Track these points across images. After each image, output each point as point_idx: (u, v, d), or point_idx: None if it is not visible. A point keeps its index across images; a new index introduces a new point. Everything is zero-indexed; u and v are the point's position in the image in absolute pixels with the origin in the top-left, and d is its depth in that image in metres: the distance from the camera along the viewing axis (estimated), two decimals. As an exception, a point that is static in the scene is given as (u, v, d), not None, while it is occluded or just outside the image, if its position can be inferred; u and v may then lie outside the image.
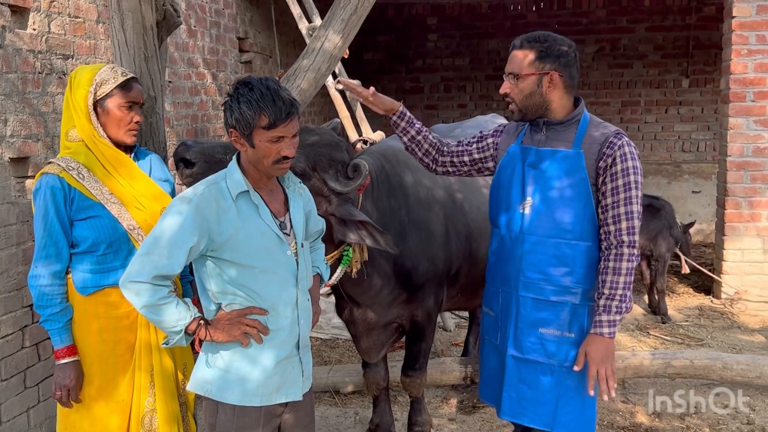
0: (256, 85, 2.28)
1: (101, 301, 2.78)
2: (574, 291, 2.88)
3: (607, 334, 2.77)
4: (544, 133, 2.95)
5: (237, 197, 2.34)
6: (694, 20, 10.36)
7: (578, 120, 2.92)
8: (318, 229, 2.73)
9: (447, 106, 11.21)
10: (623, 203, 2.78)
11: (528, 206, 2.92)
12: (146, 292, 2.26)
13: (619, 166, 2.79)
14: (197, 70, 6.06)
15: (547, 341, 2.91)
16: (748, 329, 6.16)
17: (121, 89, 2.79)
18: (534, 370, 2.95)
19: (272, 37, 7.86)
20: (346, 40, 3.69)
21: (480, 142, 3.20)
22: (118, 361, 2.84)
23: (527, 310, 2.94)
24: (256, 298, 2.37)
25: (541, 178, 2.89)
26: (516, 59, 2.87)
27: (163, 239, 2.25)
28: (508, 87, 2.89)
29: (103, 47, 4.39)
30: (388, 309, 3.68)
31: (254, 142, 2.30)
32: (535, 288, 2.92)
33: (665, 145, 10.74)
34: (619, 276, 2.76)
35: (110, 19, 3.13)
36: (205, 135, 6.14)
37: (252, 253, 2.34)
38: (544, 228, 2.89)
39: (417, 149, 3.24)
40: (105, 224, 2.76)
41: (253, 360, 2.39)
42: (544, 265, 2.90)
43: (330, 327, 6.06)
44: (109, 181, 2.78)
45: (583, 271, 2.87)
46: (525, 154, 2.96)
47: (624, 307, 2.77)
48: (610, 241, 2.80)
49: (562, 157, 2.86)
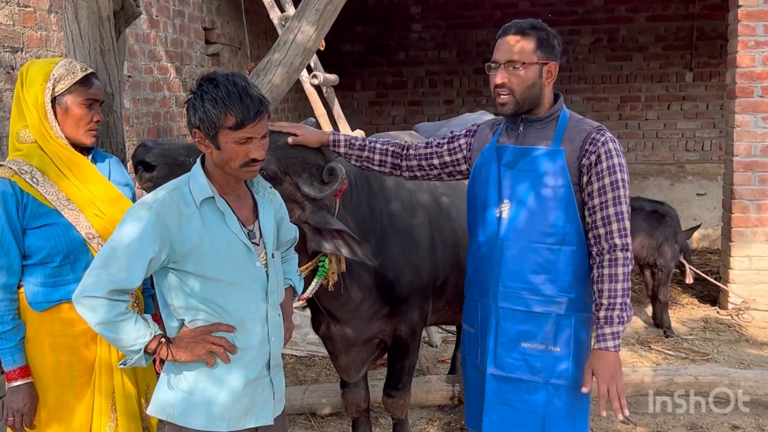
0: (222, 81, 2.27)
1: (56, 318, 2.76)
2: (558, 300, 2.88)
3: (613, 348, 2.77)
4: (522, 131, 2.95)
5: (201, 204, 2.34)
6: (697, 9, 10.45)
7: (557, 116, 2.94)
8: (290, 238, 2.73)
9: (432, 102, 11.24)
10: (612, 203, 2.78)
11: (505, 209, 2.91)
12: (102, 308, 2.25)
13: (605, 163, 2.80)
14: (159, 63, 6.04)
15: (531, 356, 2.90)
16: (756, 342, 6.22)
17: (81, 85, 2.78)
18: (518, 389, 2.93)
19: (242, 27, 7.85)
20: (321, 31, 3.69)
21: (451, 143, 3.19)
22: (75, 383, 2.81)
23: (508, 323, 2.93)
24: (223, 314, 2.37)
25: (519, 178, 2.89)
26: (516, 46, 2.85)
27: (121, 250, 2.24)
28: (505, 76, 2.85)
29: (56, 39, 4.36)
30: (369, 324, 3.68)
31: (220, 143, 2.30)
32: (516, 298, 2.91)
33: (667, 144, 10.83)
34: (617, 283, 2.76)
35: (63, 8, 3.11)
36: (168, 134, 6.12)
37: (218, 264, 2.33)
38: (523, 232, 2.88)
39: (369, 164, 3.24)
40: (61, 233, 2.73)
41: (219, 381, 2.39)
42: (525, 272, 2.89)
43: (305, 343, 6.04)
44: (64, 185, 2.76)
45: (567, 278, 2.87)
46: (501, 154, 2.95)
47: (626, 316, 2.77)
48: (601, 245, 2.80)
49: (542, 155, 2.86)
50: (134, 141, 5.38)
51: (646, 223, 6.42)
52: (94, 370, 2.84)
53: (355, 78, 11.23)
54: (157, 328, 2.37)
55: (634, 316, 6.95)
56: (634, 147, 10.83)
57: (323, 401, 4.81)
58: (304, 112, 10.07)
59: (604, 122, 10.66)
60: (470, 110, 9.68)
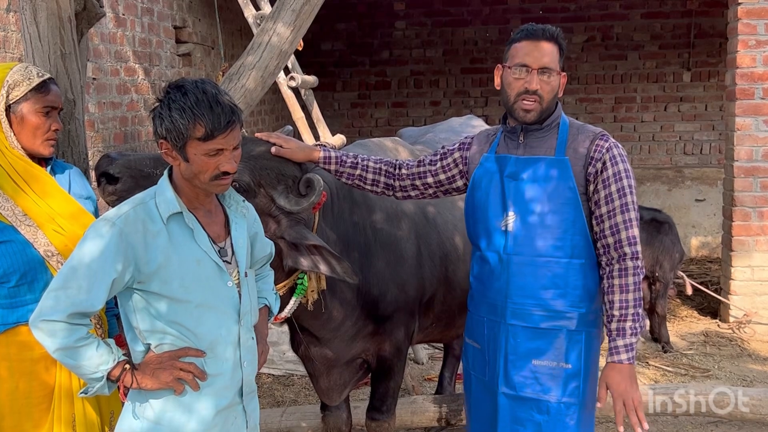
0: (191, 89, 2.24)
1: (13, 341, 2.72)
2: (569, 315, 2.91)
3: (627, 360, 2.82)
4: (523, 140, 2.97)
5: (168, 219, 2.31)
6: (695, 6, 10.53)
7: (558, 123, 2.97)
8: (265, 255, 2.70)
9: (417, 103, 11.25)
10: (620, 211, 2.84)
11: (510, 223, 2.94)
12: (61, 333, 2.21)
13: (611, 170, 2.85)
14: (126, 64, 5.99)
15: (541, 374, 2.94)
16: (759, 358, 6.24)
17: (37, 92, 2.76)
18: (529, 407, 2.96)
19: (215, 25, 7.81)
20: (298, 33, 3.67)
21: (444, 159, 3.21)
22: (34, 411, 2.77)
23: (517, 341, 2.96)
24: (192, 338, 2.34)
25: (524, 189, 2.92)
26: (547, 52, 2.88)
27: (81, 270, 2.21)
28: (538, 83, 2.86)
29: (15, 40, 4.31)
30: (352, 343, 3.66)
31: (188, 155, 2.27)
32: (525, 315, 2.94)
33: (665, 147, 10.88)
34: (628, 293, 2.81)
35: (21, 9, 3.08)
36: (137, 139, 6.07)
37: (186, 284, 2.31)
38: (530, 246, 2.91)
39: (362, 183, 3.26)
40: (17, 250, 2.70)
41: (188, 410, 2.36)
42: (534, 288, 2.92)
43: (283, 361, 6.01)
44: (21, 200, 2.73)
45: (577, 292, 2.91)
46: (503, 164, 2.98)
47: (638, 327, 2.82)
48: (610, 255, 2.85)
49: (546, 165, 2.89)
50: (99, 147, 5.33)
51: (644, 233, 6.43)
52: (54, 397, 2.80)
53: (336, 78, 11.22)
54: (120, 354, 2.33)
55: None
56: (630, 150, 10.86)
57: (302, 424, 4.76)
58: (282, 114, 10.04)
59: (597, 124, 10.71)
60: (457, 112, 9.73)
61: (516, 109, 2.91)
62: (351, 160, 3.22)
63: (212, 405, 2.38)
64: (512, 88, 2.91)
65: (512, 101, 2.92)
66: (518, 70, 2.89)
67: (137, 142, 6.08)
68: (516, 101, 2.90)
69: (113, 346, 2.34)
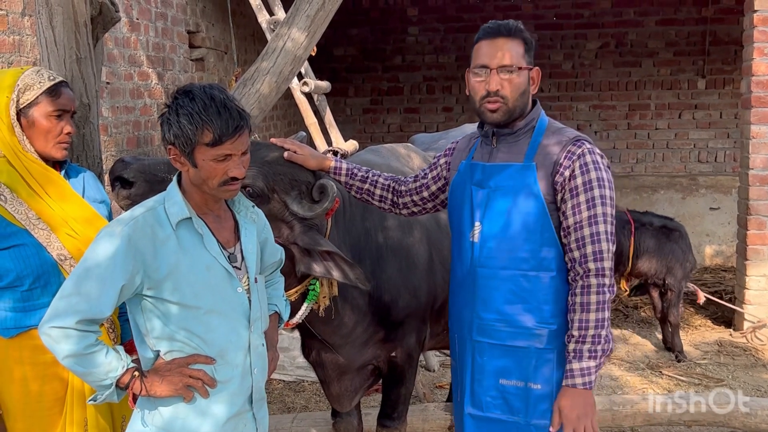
0: (199, 94, 2.25)
1: (26, 345, 2.73)
2: (538, 333, 2.78)
3: (581, 385, 2.67)
4: (494, 146, 2.87)
5: (177, 225, 2.31)
6: (711, 13, 10.49)
7: (533, 126, 2.84)
8: (275, 261, 2.70)
9: (430, 109, 11.25)
10: (587, 223, 2.67)
11: (477, 233, 2.83)
12: (70, 340, 2.21)
13: (579, 179, 2.69)
14: (140, 69, 6.02)
15: (509, 394, 2.83)
16: (774, 368, 6.21)
17: (49, 95, 2.77)
18: (496, 429, 2.87)
19: (228, 30, 7.84)
20: (313, 38, 3.69)
21: (433, 170, 3.16)
22: (45, 415, 2.79)
23: (483, 358, 2.85)
24: (201, 344, 2.34)
25: (489, 198, 2.80)
26: (506, 49, 2.74)
27: (90, 276, 2.21)
28: (499, 82, 2.73)
29: (30, 44, 4.34)
30: (363, 349, 3.66)
31: (197, 161, 2.27)
32: (492, 331, 2.83)
33: (679, 155, 10.85)
34: (589, 313, 2.65)
35: (37, 13, 3.10)
36: (150, 144, 6.10)
37: (196, 291, 2.31)
38: (495, 258, 2.79)
39: (370, 198, 3.23)
40: (31, 254, 2.72)
41: (197, 417, 2.36)
42: (500, 302, 2.80)
43: (294, 367, 6.01)
44: (35, 203, 2.75)
45: (548, 307, 2.77)
46: (472, 172, 2.89)
47: (599, 350, 2.66)
48: (575, 270, 2.70)
49: (512, 172, 2.77)
50: (112, 152, 5.36)
51: (654, 240, 6.42)
52: (66, 401, 2.81)
53: (348, 84, 11.24)
54: (129, 361, 2.33)
55: (644, 338, 6.94)
56: (644, 158, 10.84)
57: (313, 431, 4.77)
58: (294, 119, 10.06)
59: (611, 131, 10.78)
60: (470, 118, 9.70)
61: (483, 111, 2.78)
62: (362, 173, 3.20)
63: (222, 412, 2.37)
64: (475, 91, 2.79)
65: (478, 104, 2.79)
66: (478, 72, 2.77)
67: (150, 147, 6.10)
68: (481, 104, 2.78)
69: (122, 353, 2.33)
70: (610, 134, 10.65)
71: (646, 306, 7.66)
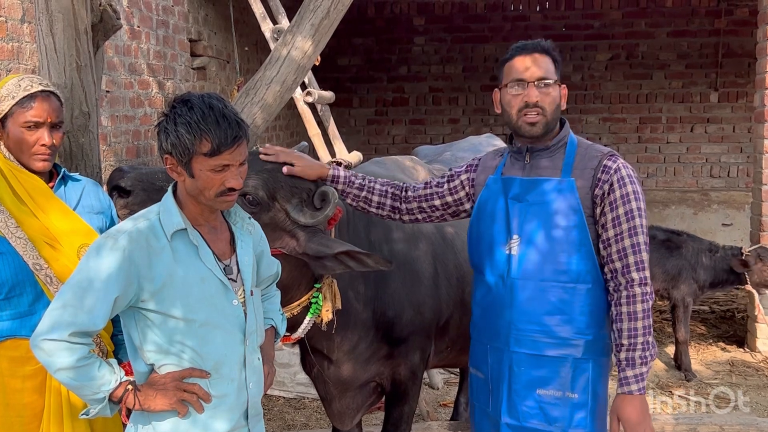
0: (197, 103, 2.25)
1: (4, 356, 2.73)
2: (575, 343, 2.89)
3: (637, 391, 2.79)
4: (528, 161, 2.97)
5: (172, 236, 2.31)
6: (723, 24, 10.52)
7: (565, 142, 2.96)
8: (272, 274, 2.70)
9: (436, 121, 11.27)
10: (627, 235, 2.82)
11: (515, 246, 2.93)
12: (62, 352, 2.20)
13: (618, 192, 2.83)
14: (141, 77, 6.05)
15: (546, 404, 2.91)
16: (787, 388, 6.19)
17: (20, 107, 2.75)
18: None
19: (230, 39, 7.88)
20: (317, 47, 3.70)
21: (451, 181, 3.21)
22: (26, 431, 2.77)
23: (521, 369, 2.93)
24: (196, 358, 2.33)
25: (529, 212, 2.91)
26: (541, 63, 2.88)
27: (83, 288, 2.21)
28: (537, 95, 2.85)
29: (29, 51, 4.37)
30: (366, 366, 3.65)
31: (194, 171, 2.27)
32: (530, 342, 2.92)
33: (690, 170, 10.85)
34: (636, 321, 2.79)
35: (37, 20, 3.12)
36: (149, 154, 6.12)
37: (190, 303, 2.30)
38: (534, 270, 2.90)
39: (367, 206, 3.26)
40: (8, 262, 2.72)
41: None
42: (538, 314, 2.90)
43: (294, 383, 6.00)
44: (17, 211, 2.75)
45: (584, 318, 2.88)
46: (508, 186, 2.98)
47: (648, 355, 2.80)
48: (618, 281, 2.83)
49: (552, 187, 2.89)
50: (112, 161, 5.38)
51: (656, 253, 6.40)
52: (42, 420, 2.78)
53: (353, 94, 11.27)
54: (123, 374, 2.32)
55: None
56: (655, 172, 10.84)
57: (313, 449, 4.77)
58: (297, 130, 10.08)
59: (621, 145, 10.77)
60: (476, 130, 9.74)
61: (520, 125, 2.89)
62: (359, 181, 3.22)
63: (217, 428, 2.37)
64: (512, 105, 2.89)
65: (515, 119, 2.90)
66: (515, 86, 2.88)
67: (150, 157, 6.12)
68: (519, 118, 2.88)
69: (116, 366, 2.33)
70: (620, 148, 10.64)
71: (655, 324, 7.64)
